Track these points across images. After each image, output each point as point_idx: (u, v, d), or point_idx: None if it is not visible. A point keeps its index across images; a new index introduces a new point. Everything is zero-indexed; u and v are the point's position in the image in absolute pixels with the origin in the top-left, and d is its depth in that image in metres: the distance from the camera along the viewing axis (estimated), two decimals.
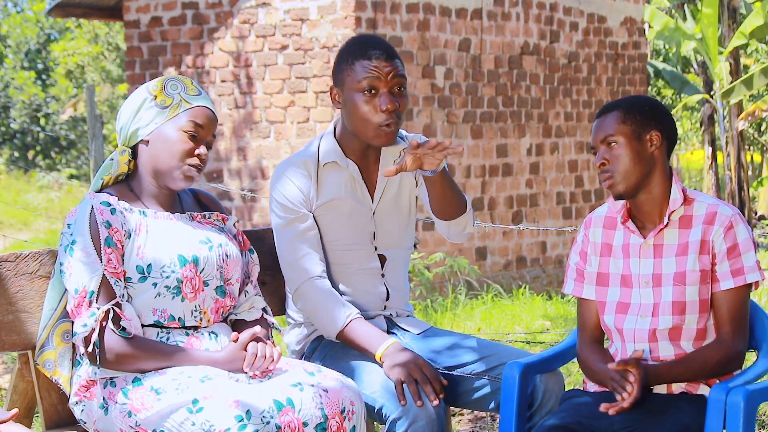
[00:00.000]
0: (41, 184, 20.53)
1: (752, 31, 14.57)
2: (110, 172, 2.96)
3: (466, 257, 9.46)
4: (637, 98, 3.00)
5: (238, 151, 9.67)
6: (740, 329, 2.91)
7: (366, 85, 3.10)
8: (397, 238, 3.33)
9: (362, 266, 3.26)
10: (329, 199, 3.22)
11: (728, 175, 16.23)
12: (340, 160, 3.22)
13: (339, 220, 3.23)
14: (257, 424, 2.63)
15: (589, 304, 3.08)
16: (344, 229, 3.24)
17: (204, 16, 9.76)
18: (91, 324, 2.78)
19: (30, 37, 26.47)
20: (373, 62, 3.11)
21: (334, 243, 3.24)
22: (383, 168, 3.27)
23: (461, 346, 3.24)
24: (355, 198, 3.24)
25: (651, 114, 2.95)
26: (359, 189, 3.25)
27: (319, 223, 3.23)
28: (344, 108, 3.17)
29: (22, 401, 3.03)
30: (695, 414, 2.83)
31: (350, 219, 3.24)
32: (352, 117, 3.14)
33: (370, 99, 3.11)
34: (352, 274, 3.26)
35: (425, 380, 3.00)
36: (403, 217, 3.33)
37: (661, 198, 2.96)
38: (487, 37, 10.08)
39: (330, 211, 3.22)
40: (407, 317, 3.36)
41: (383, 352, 3.07)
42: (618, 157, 2.92)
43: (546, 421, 2.89)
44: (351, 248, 3.25)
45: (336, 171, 3.23)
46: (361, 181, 3.25)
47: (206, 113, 2.96)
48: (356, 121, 3.14)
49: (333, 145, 3.23)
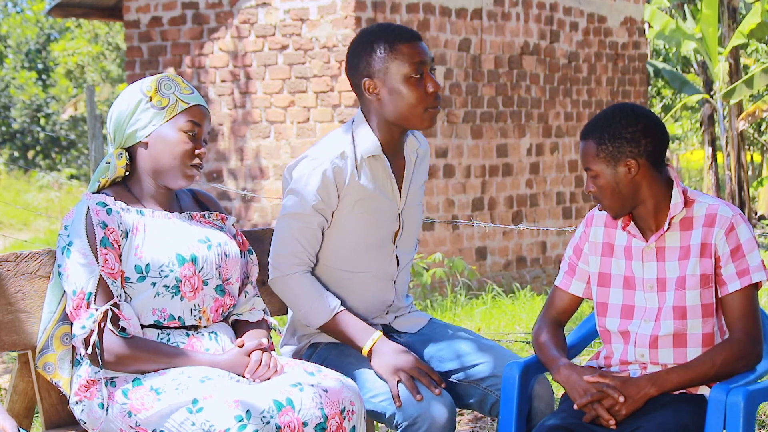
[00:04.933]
0: (41, 184, 20.53)
1: (752, 31, 14.57)
2: (107, 175, 2.94)
3: (466, 257, 9.47)
4: (612, 117, 2.91)
5: (238, 151, 9.67)
6: (750, 328, 2.88)
7: (414, 70, 3.05)
8: (413, 238, 3.28)
9: (379, 270, 3.19)
10: (362, 197, 3.12)
11: (728, 175, 16.23)
12: (380, 153, 3.13)
13: (367, 218, 3.14)
14: (257, 424, 2.63)
15: (564, 295, 3.11)
16: (371, 228, 3.15)
17: (204, 16, 9.76)
18: (90, 325, 2.78)
19: (30, 37, 26.47)
20: (415, 46, 3.07)
21: (356, 243, 3.15)
22: (408, 163, 3.20)
23: (457, 349, 3.18)
24: (385, 194, 3.16)
25: (624, 139, 2.88)
26: (390, 185, 3.17)
27: (346, 221, 3.12)
28: (385, 98, 3.08)
29: (21, 401, 3.03)
30: (695, 414, 2.83)
31: (378, 217, 3.15)
32: (398, 104, 3.06)
33: (418, 82, 3.06)
34: (363, 282, 3.18)
35: (421, 373, 2.99)
36: (419, 215, 3.28)
37: (658, 207, 2.94)
38: (487, 37, 10.07)
39: (360, 209, 3.12)
40: (404, 316, 3.31)
41: (370, 347, 3.05)
42: (601, 188, 2.93)
43: (546, 421, 2.89)
44: (374, 249, 3.17)
45: (374, 165, 3.14)
46: (392, 176, 3.17)
47: (202, 111, 2.96)
48: (403, 108, 3.06)
49: (372, 138, 3.12)
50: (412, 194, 3.23)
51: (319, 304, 3.09)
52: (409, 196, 3.22)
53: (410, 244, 3.27)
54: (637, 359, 2.96)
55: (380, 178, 3.14)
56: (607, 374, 2.90)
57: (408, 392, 2.96)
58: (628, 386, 2.85)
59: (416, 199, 3.26)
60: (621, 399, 2.83)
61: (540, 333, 3.08)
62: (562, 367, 2.95)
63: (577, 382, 2.89)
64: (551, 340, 3.05)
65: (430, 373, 3.01)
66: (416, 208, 3.26)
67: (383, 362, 3.02)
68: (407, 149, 3.21)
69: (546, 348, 3.04)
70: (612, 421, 2.82)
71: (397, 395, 2.96)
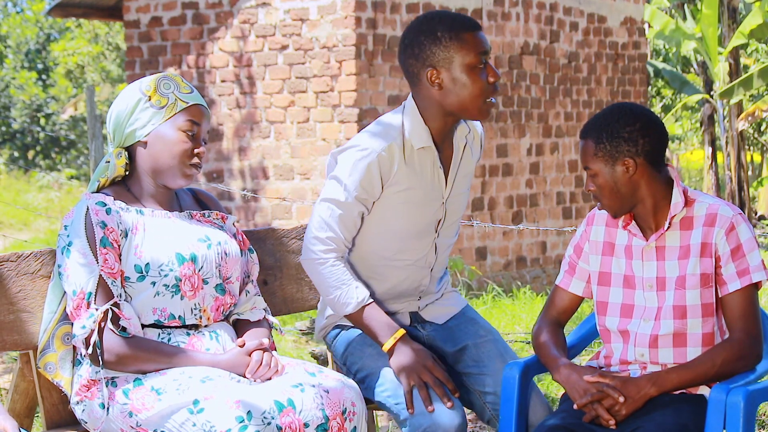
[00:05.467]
0: (41, 184, 20.52)
1: (752, 31, 14.57)
2: (106, 174, 2.94)
3: (466, 257, 9.46)
4: (610, 117, 2.92)
5: (239, 151, 9.67)
6: (750, 328, 2.88)
7: (479, 60, 3.03)
8: (456, 225, 3.25)
9: (419, 258, 3.16)
10: (408, 187, 3.09)
11: (728, 175, 16.23)
12: (430, 146, 3.10)
13: (411, 208, 3.11)
14: (258, 424, 2.63)
15: (564, 294, 3.11)
16: (414, 217, 3.12)
17: (204, 16, 9.76)
18: (90, 325, 2.78)
19: (30, 37, 26.46)
20: (478, 35, 3.05)
21: (398, 232, 3.12)
22: (456, 152, 3.17)
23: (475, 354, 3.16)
24: (432, 184, 3.13)
25: (621, 138, 2.89)
26: (437, 175, 3.14)
27: (389, 210, 3.10)
28: (447, 87, 3.04)
29: (23, 401, 3.03)
30: (695, 414, 2.83)
31: (422, 207, 3.13)
32: (460, 94, 3.03)
33: (482, 72, 3.04)
34: (401, 269, 3.16)
35: (436, 383, 2.98)
36: (464, 202, 3.26)
37: (658, 206, 2.94)
38: (487, 37, 10.08)
39: (405, 199, 3.10)
40: (434, 303, 3.27)
41: (391, 345, 3.03)
42: (600, 188, 2.94)
43: (546, 421, 2.89)
44: (415, 237, 3.14)
45: (423, 156, 3.11)
46: (440, 166, 3.14)
47: (201, 110, 2.96)
48: (465, 98, 3.03)
49: (424, 129, 3.08)
50: (459, 182, 3.21)
51: (348, 294, 3.06)
52: (456, 184, 3.20)
53: (452, 231, 3.25)
54: (637, 359, 2.96)
55: (427, 169, 3.12)
56: (607, 374, 2.90)
57: (420, 399, 2.96)
58: (628, 386, 2.85)
59: (463, 187, 3.23)
60: (621, 399, 2.83)
61: (540, 333, 3.08)
62: (562, 366, 2.96)
63: (577, 381, 2.89)
64: (551, 340, 3.05)
65: (446, 382, 3.00)
66: (462, 195, 3.24)
67: (401, 363, 3.01)
68: (456, 137, 3.18)
69: (546, 348, 3.04)
70: (612, 421, 2.82)
71: (411, 401, 2.96)
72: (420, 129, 3.08)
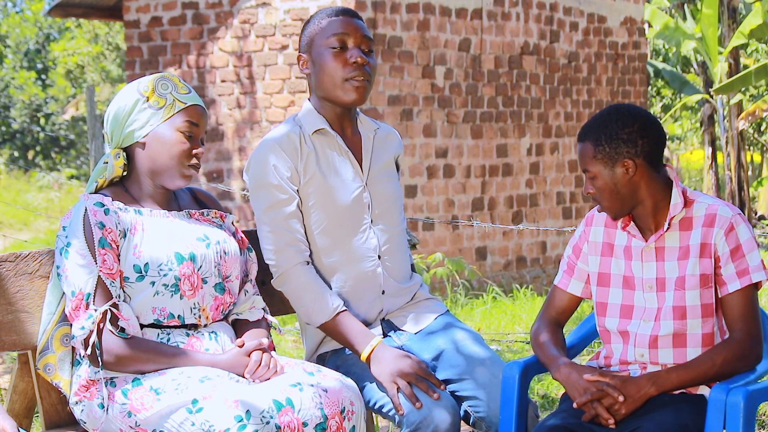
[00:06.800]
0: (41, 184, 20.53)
1: (752, 31, 14.58)
2: (104, 175, 2.94)
3: (466, 257, 9.46)
4: (608, 119, 2.91)
5: (239, 151, 9.67)
6: (750, 328, 2.88)
7: (335, 40, 3.10)
8: (394, 213, 3.24)
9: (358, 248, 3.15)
10: (319, 171, 3.12)
11: (728, 175, 16.24)
12: (327, 127, 3.16)
13: (331, 193, 3.13)
14: (257, 424, 2.63)
15: (563, 294, 3.11)
16: (332, 201, 3.13)
17: (204, 16, 9.76)
18: (89, 326, 2.77)
19: (29, 37, 26.47)
20: (340, 18, 3.13)
21: (323, 222, 3.13)
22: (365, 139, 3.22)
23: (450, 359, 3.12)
24: (342, 167, 3.16)
25: (620, 140, 2.88)
26: (347, 157, 3.18)
27: (310, 199, 3.12)
28: (313, 70, 3.15)
29: (22, 401, 3.03)
30: (695, 414, 2.83)
31: (339, 189, 3.14)
32: (321, 75, 3.12)
33: (339, 53, 3.11)
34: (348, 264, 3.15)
35: (419, 380, 2.97)
36: (395, 189, 3.26)
37: (657, 207, 2.94)
38: (487, 37, 10.07)
39: (321, 184, 3.12)
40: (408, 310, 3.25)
41: (368, 353, 3.04)
42: (600, 190, 2.93)
43: (546, 421, 2.89)
44: (343, 227, 3.14)
45: (324, 139, 3.16)
46: (347, 150, 3.18)
47: (199, 111, 2.96)
48: (325, 78, 3.12)
49: (315, 114, 3.18)
50: (379, 169, 3.23)
51: (322, 301, 3.07)
52: (375, 169, 3.22)
53: (392, 218, 3.24)
54: (637, 359, 2.96)
55: (334, 154, 3.16)
56: (606, 373, 2.90)
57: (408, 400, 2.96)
58: (627, 385, 2.85)
59: (385, 174, 3.24)
60: (620, 398, 2.83)
61: (539, 333, 3.08)
62: (562, 365, 2.95)
63: (576, 380, 2.89)
64: (551, 340, 3.05)
65: (428, 377, 3.00)
66: (388, 182, 3.24)
67: (382, 370, 3.00)
68: (363, 129, 3.24)
69: (545, 347, 3.04)
70: (611, 421, 2.82)
71: (399, 404, 2.96)
72: (312, 116, 3.17)
